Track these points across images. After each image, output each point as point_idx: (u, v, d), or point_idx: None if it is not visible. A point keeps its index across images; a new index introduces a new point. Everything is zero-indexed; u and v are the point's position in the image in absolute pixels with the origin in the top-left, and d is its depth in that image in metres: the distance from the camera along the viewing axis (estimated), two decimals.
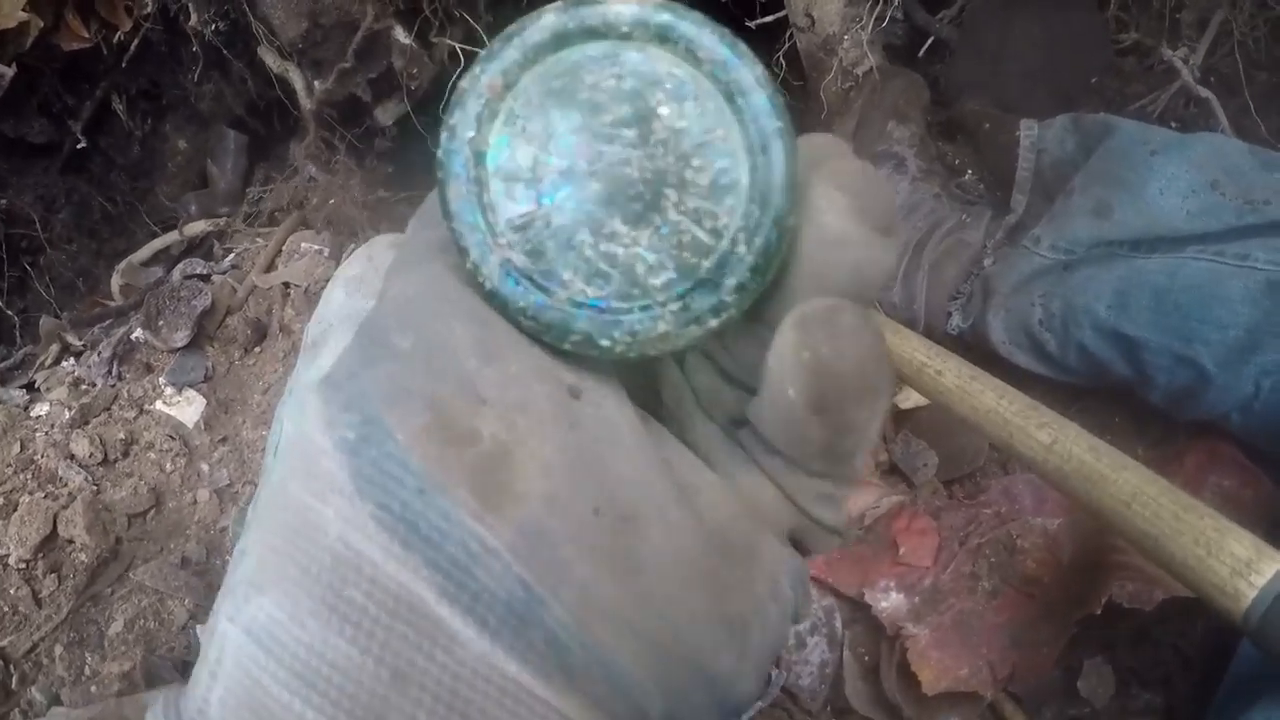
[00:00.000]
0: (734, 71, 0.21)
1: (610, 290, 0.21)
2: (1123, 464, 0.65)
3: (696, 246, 0.21)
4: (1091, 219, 0.86)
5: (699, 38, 0.21)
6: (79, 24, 1.14)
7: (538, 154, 0.21)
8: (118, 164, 1.26)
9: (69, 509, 0.83)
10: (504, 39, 0.21)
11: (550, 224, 0.21)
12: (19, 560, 0.83)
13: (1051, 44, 1.10)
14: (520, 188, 0.21)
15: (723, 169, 0.21)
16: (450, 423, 0.20)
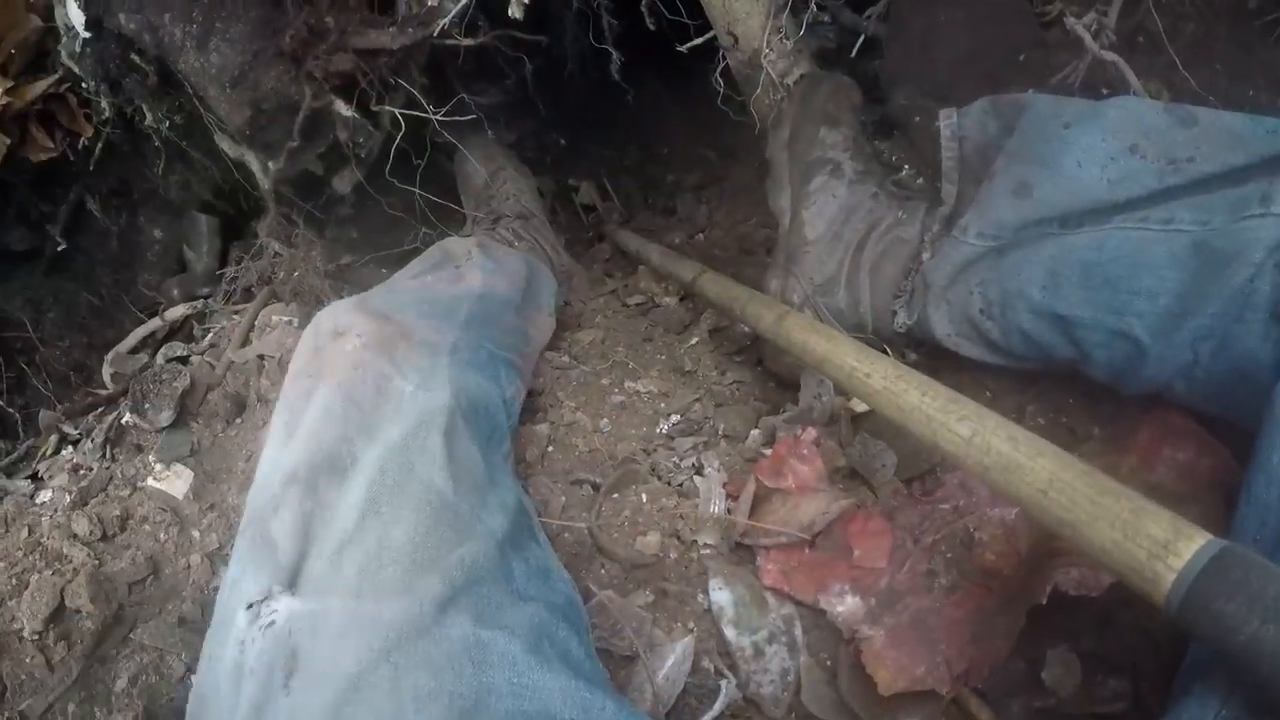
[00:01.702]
0: None
1: None
2: (1039, 451, 0.64)
3: None
4: (1013, 200, 0.85)
5: None
6: (44, 135, 1.20)
7: None
8: (99, 260, 1.32)
9: (74, 582, 0.88)
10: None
11: None
12: (32, 632, 0.88)
13: (977, 27, 1.09)
14: None
15: None
16: None
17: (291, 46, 1.01)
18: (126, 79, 1.12)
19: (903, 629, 0.78)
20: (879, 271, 0.95)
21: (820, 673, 0.80)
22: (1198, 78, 0.97)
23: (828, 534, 0.86)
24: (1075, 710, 0.73)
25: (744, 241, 1.27)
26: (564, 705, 0.53)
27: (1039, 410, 0.91)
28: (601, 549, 0.84)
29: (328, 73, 1.02)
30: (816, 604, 0.81)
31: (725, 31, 1.08)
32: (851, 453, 0.92)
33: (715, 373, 1.04)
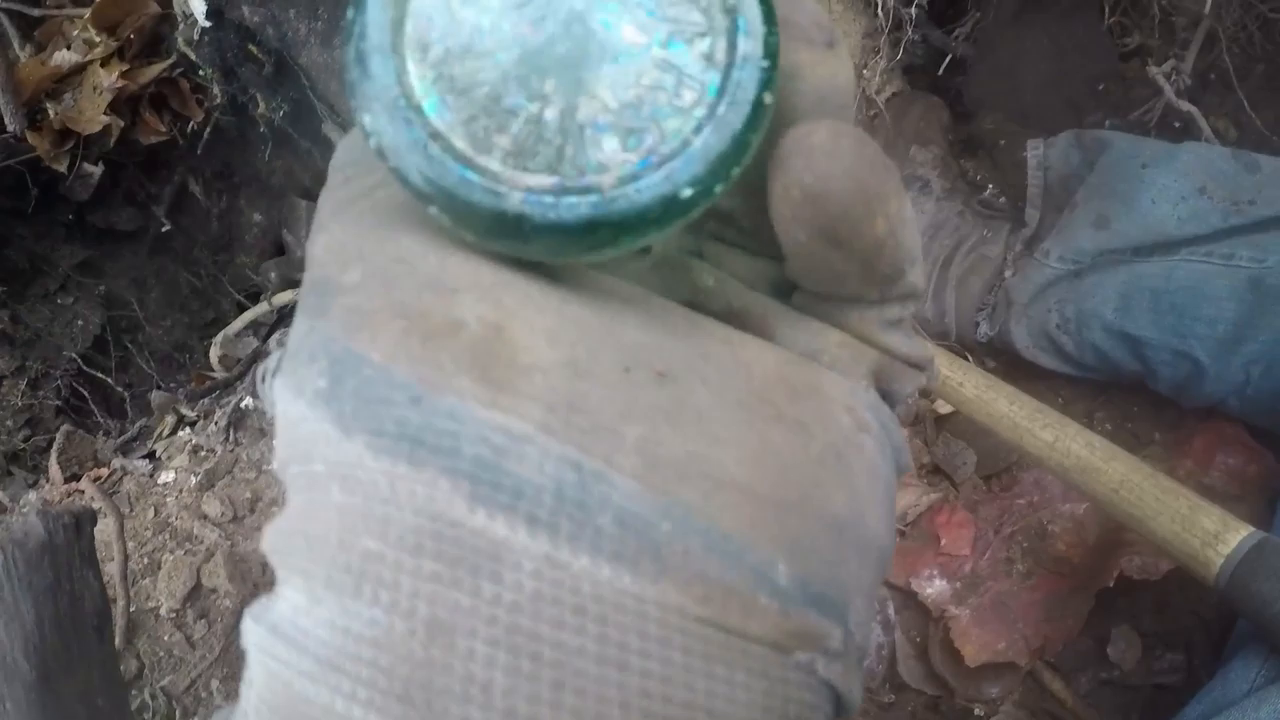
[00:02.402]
0: None
1: (558, 168, 0.20)
2: (1113, 455, 0.87)
3: (662, 103, 0.20)
4: (1093, 231, 1.07)
5: None
6: (155, 119, 1.40)
7: (466, 9, 0.20)
8: (199, 241, 1.53)
9: (210, 562, 1.07)
10: None
11: (479, 84, 0.20)
12: (169, 610, 1.07)
13: (1060, 55, 1.30)
14: (444, 49, 0.20)
15: (697, 28, 0.21)
16: (426, 318, 0.19)
17: None
18: (242, 67, 1.32)
19: (985, 609, 1.01)
20: (964, 285, 1.17)
21: (911, 648, 1.03)
22: (1264, 117, 1.19)
23: (917, 525, 1.08)
24: (1136, 681, 0.97)
25: None
26: None
27: (1107, 417, 1.14)
28: None
29: None
30: (908, 587, 1.03)
31: None
32: (936, 451, 1.14)
33: None
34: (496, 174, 0.20)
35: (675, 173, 0.20)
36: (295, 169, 1.47)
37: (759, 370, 0.21)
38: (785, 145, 0.20)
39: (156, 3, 1.36)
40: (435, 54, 0.20)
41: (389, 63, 0.20)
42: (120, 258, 1.47)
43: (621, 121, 0.20)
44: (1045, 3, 1.29)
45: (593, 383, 0.19)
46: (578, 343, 0.19)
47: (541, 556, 0.18)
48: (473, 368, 0.18)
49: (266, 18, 1.26)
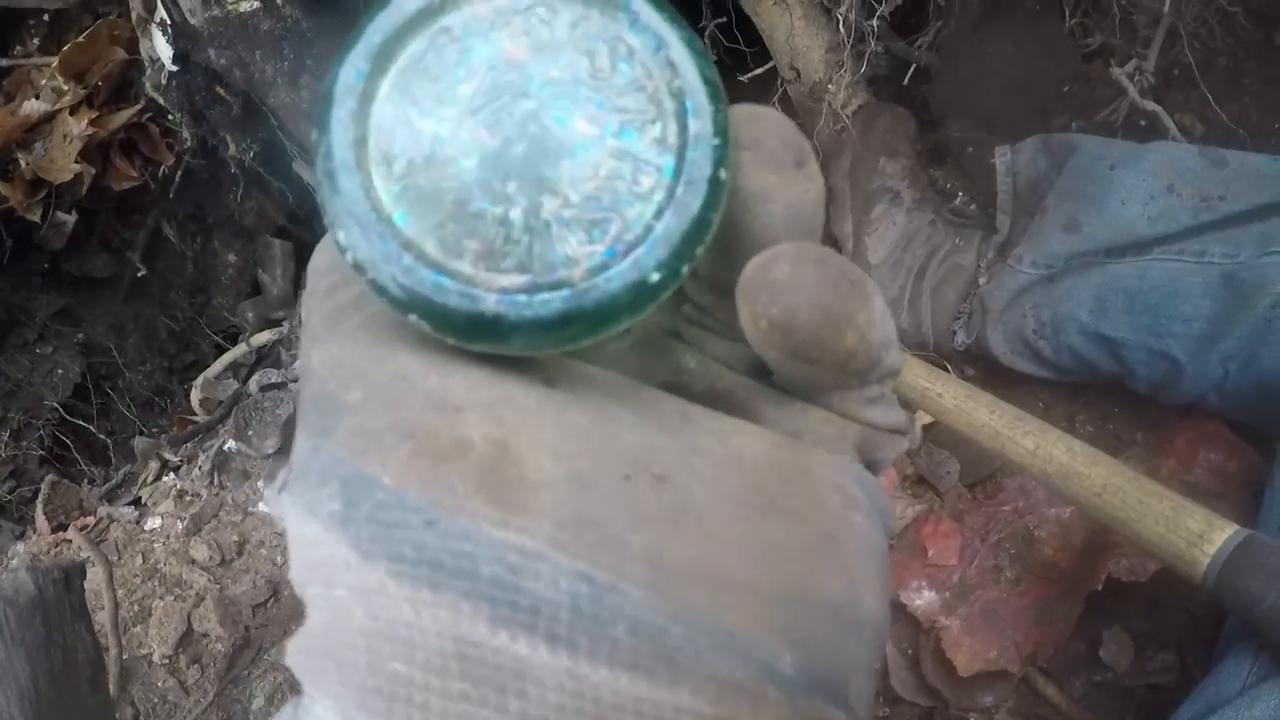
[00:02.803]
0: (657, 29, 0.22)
1: (529, 266, 0.21)
2: (1095, 460, 0.86)
3: (622, 191, 0.21)
4: (1064, 235, 1.06)
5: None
6: (126, 165, 1.39)
7: (424, 121, 0.21)
8: (175, 285, 1.52)
9: (200, 607, 1.06)
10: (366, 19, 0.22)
11: (445, 191, 0.21)
12: (162, 657, 1.06)
13: (1024, 59, 1.30)
14: (407, 161, 0.21)
15: (647, 115, 0.21)
16: (434, 440, 0.20)
17: None
18: (211, 110, 1.31)
19: (975, 618, 1.00)
20: (939, 295, 1.17)
21: (903, 660, 1.02)
22: (1228, 111, 1.20)
23: (904, 536, 1.07)
24: (1130, 683, 0.95)
25: None
26: None
27: (1088, 419, 1.13)
28: None
29: None
30: (897, 599, 1.02)
31: (788, 66, 1.29)
32: (919, 461, 1.13)
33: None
34: (470, 277, 0.20)
35: (641, 259, 0.21)
36: (268, 209, 1.46)
37: (749, 460, 0.22)
38: (749, 277, 0.21)
39: (123, 49, 1.35)
40: (399, 167, 0.21)
41: (356, 179, 0.21)
42: (97, 305, 1.46)
43: (584, 214, 0.21)
44: (1006, 8, 1.29)
45: (597, 494, 0.20)
46: (579, 454, 0.20)
47: (563, 671, 0.19)
48: (483, 488, 0.19)
49: (233, 60, 1.26)
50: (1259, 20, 1.20)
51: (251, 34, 1.24)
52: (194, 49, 1.28)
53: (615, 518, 0.20)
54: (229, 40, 1.25)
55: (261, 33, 1.24)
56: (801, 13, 1.27)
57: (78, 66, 1.39)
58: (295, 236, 1.52)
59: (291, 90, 1.24)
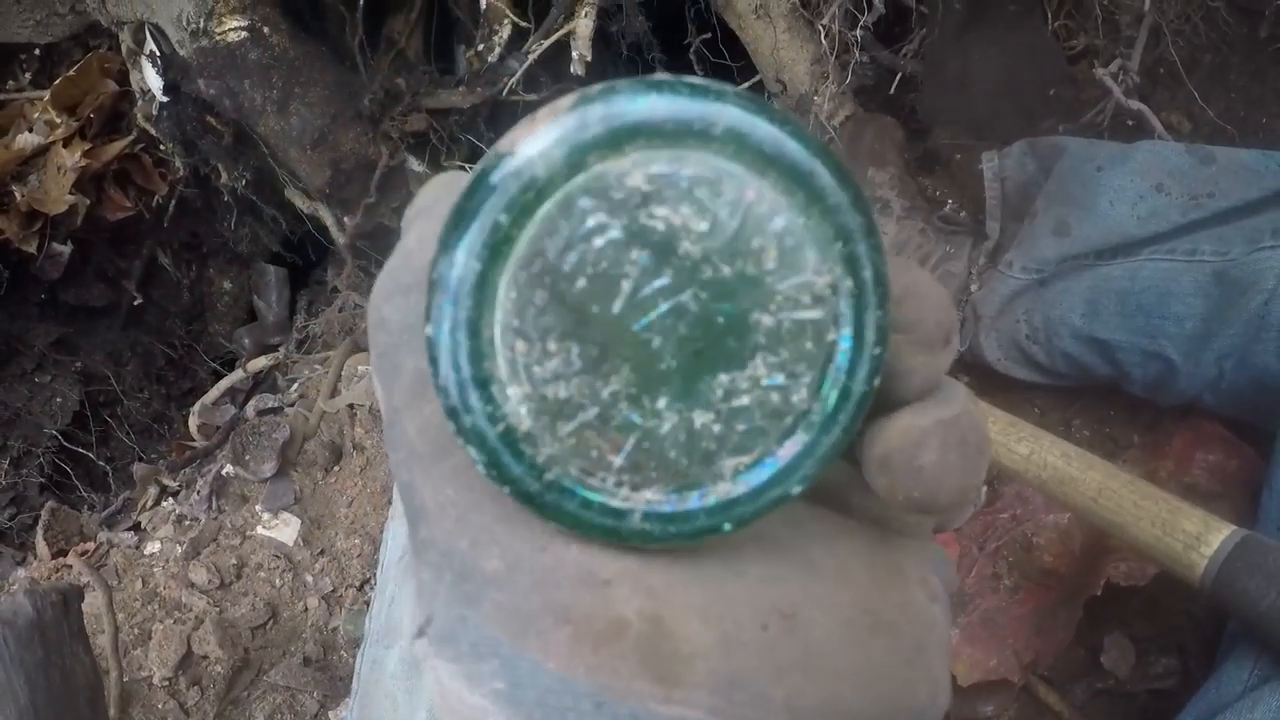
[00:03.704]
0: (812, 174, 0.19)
1: (676, 481, 0.20)
2: (1089, 464, 0.84)
3: (775, 403, 0.20)
4: (1054, 238, 1.05)
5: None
6: (120, 195, 1.39)
7: (557, 324, 0.19)
8: (171, 313, 1.52)
9: (200, 629, 1.06)
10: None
11: (587, 405, 0.19)
12: (162, 679, 1.06)
13: (1009, 63, 1.29)
14: (541, 372, 0.19)
15: (815, 321, 0.19)
16: (592, 622, 0.20)
17: (370, 109, 1.21)
18: (202, 139, 1.31)
19: (975, 627, 0.98)
20: None
21: None
22: (1215, 107, 1.18)
23: None
24: (1132, 689, 0.93)
25: None
26: None
27: (1084, 423, 1.11)
28: None
29: (403, 132, 1.22)
30: None
31: (774, 79, 1.29)
32: None
33: None
34: (613, 493, 0.20)
35: (788, 473, 0.20)
36: (261, 235, 1.46)
37: (856, 574, 0.23)
38: (895, 459, 0.21)
39: (114, 81, 1.36)
40: (534, 376, 0.19)
41: (480, 396, 0.19)
42: (95, 333, 1.46)
43: (736, 428, 0.20)
44: (990, 13, 1.28)
45: (743, 653, 0.21)
46: (725, 615, 0.21)
47: None
48: (644, 668, 0.20)
49: (222, 89, 1.26)
50: (1243, 15, 1.19)
51: (240, 63, 1.24)
52: (183, 79, 1.29)
53: (760, 675, 0.21)
54: (218, 70, 1.25)
55: (249, 62, 1.24)
56: (785, 26, 1.27)
57: (69, 99, 1.39)
58: (289, 262, 1.52)
59: (281, 118, 1.24)
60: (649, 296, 0.19)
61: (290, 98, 1.24)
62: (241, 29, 1.24)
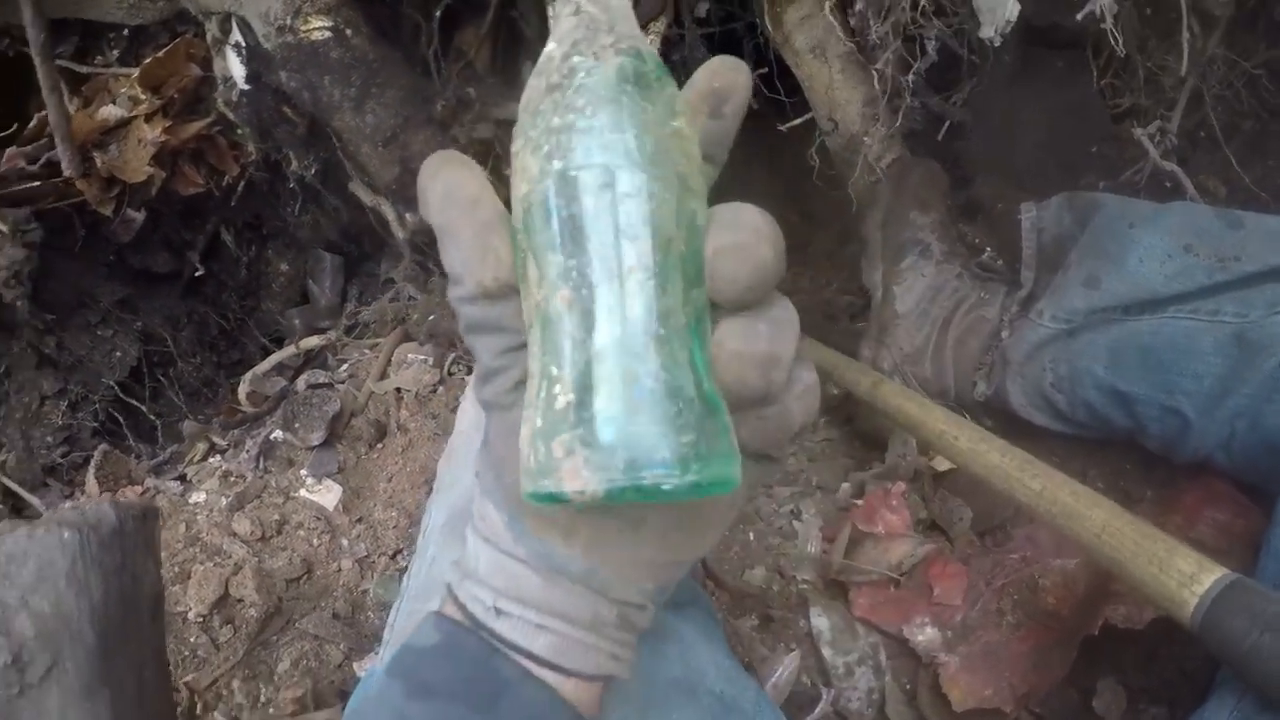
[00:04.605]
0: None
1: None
2: (1096, 503, 0.90)
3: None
4: (1084, 290, 1.11)
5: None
6: (193, 172, 1.49)
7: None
8: (228, 286, 1.62)
9: (239, 575, 1.14)
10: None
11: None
12: (197, 615, 1.14)
13: (1054, 118, 1.37)
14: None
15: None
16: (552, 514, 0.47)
17: (442, 114, 1.30)
18: (277, 128, 1.41)
19: (974, 657, 1.03)
20: (962, 346, 1.21)
21: (901, 694, 1.05)
22: (1251, 173, 1.24)
23: (912, 575, 1.11)
24: None
25: (827, 307, 1.54)
26: (717, 678, 0.77)
27: (1100, 475, 1.16)
28: (714, 579, 1.10)
29: (470, 139, 1.31)
30: (900, 634, 1.06)
31: (826, 117, 1.37)
32: (933, 507, 1.17)
33: (808, 431, 1.30)
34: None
35: None
36: (322, 223, 1.56)
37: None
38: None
39: (198, 66, 1.46)
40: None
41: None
42: (156, 297, 1.57)
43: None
44: (1039, 67, 1.35)
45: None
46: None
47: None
48: (562, 537, 0.47)
49: (303, 83, 1.35)
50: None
51: (321, 60, 1.33)
52: (265, 70, 1.38)
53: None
54: (300, 65, 1.34)
55: (331, 60, 1.33)
56: (840, 66, 1.34)
57: (156, 79, 1.49)
58: (345, 251, 1.62)
59: (357, 114, 1.33)
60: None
61: (367, 97, 1.33)
62: (326, 29, 1.34)
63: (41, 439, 1.44)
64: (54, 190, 1.44)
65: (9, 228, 1.38)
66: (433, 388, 1.28)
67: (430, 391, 1.28)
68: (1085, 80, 1.34)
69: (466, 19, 1.46)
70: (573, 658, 0.49)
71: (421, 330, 1.36)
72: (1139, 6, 1.22)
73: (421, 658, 0.51)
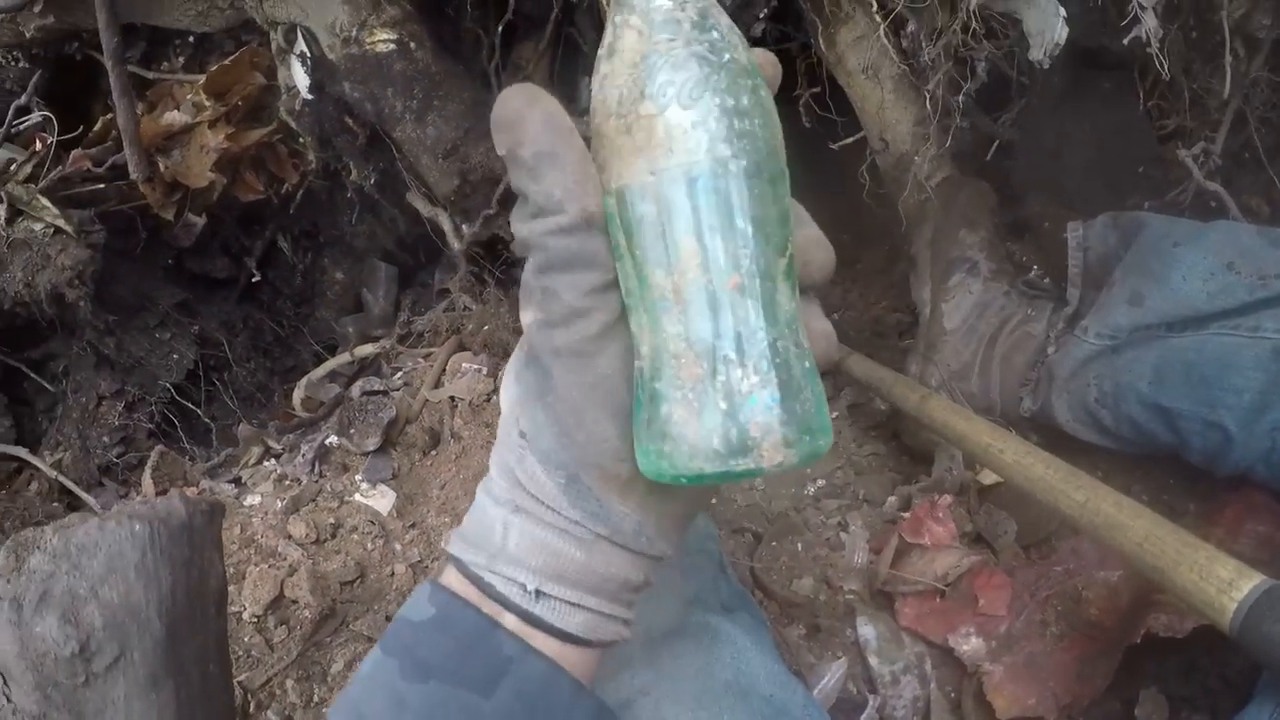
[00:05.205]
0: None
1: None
2: (1138, 513, 0.97)
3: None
4: (1128, 308, 1.18)
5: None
6: (254, 179, 1.59)
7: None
8: (284, 293, 1.72)
9: (294, 576, 1.20)
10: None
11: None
12: (251, 615, 1.20)
13: (1102, 139, 1.44)
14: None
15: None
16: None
17: None
18: (338, 137, 1.50)
19: (1018, 667, 1.10)
20: (1009, 362, 1.29)
21: (946, 702, 1.12)
22: None
23: (957, 586, 1.18)
24: None
25: (877, 324, 1.62)
26: (767, 682, 0.84)
27: (1144, 489, 1.23)
28: (763, 588, 1.17)
29: None
30: (945, 643, 1.12)
31: (877, 136, 1.45)
32: (978, 520, 1.24)
33: (854, 444, 1.37)
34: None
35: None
36: (378, 233, 1.65)
37: None
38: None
39: (262, 75, 1.56)
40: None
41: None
42: (213, 302, 1.67)
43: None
44: (1087, 89, 1.42)
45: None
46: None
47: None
48: (613, 491, 0.50)
49: (366, 94, 1.44)
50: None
51: (385, 72, 1.43)
52: (329, 81, 1.48)
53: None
54: (363, 76, 1.44)
55: (394, 72, 1.43)
56: (892, 87, 1.43)
57: (220, 86, 1.59)
58: (400, 261, 1.71)
59: (418, 126, 1.43)
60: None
61: (429, 109, 1.42)
62: (390, 41, 1.43)
63: (98, 438, 1.53)
64: (117, 193, 1.54)
65: (74, 228, 1.47)
66: (486, 397, 1.36)
67: (484, 400, 1.36)
68: (1131, 102, 1.41)
69: (525, 34, 1.55)
70: (600, 631, 0.52)
71: (476, 340, 1.45)
72: (1184, 30, 1.29)
73: (418, 632, 0.50)
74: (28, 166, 1.52)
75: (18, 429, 1.53)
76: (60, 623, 0.76)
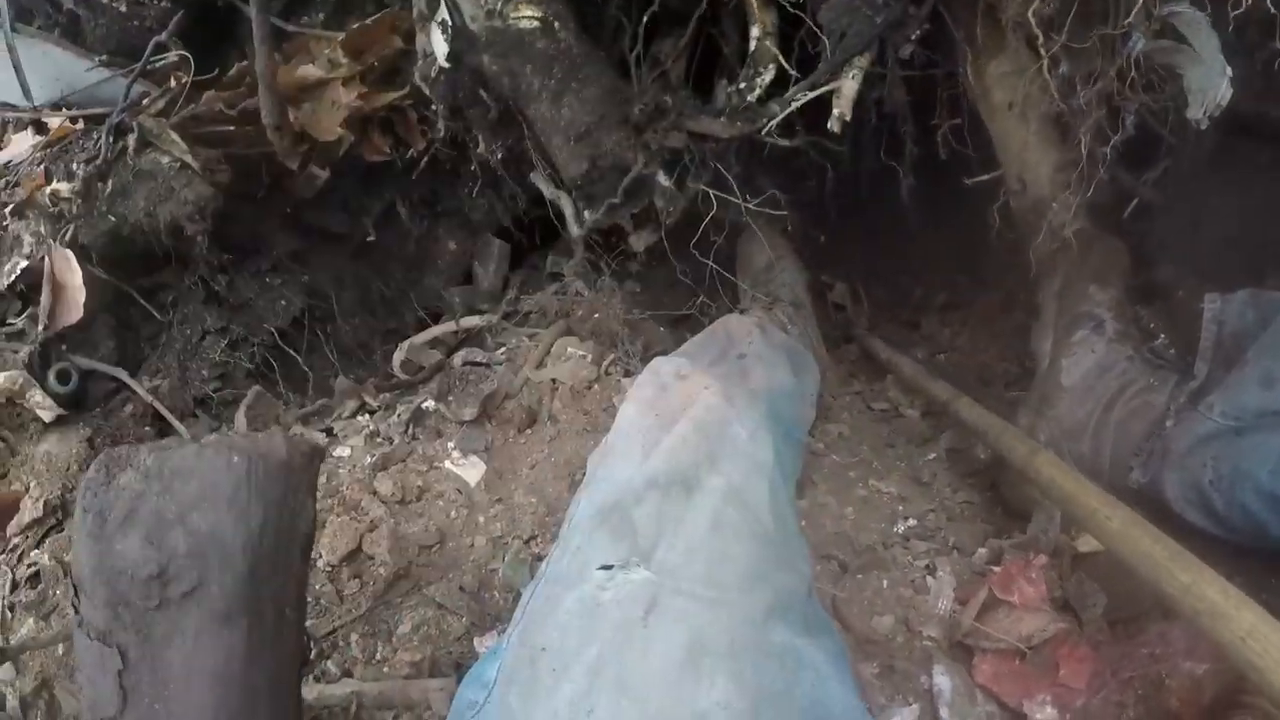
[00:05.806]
0: None
1: None
2: (1245, 605, 0.97)
3: None
4: (1259, 389, 1.17)
5: None
6: (381, 140, 1.65)
7: None
8: (396, 256, 1.79)
9: (374, 533, 1.25)
10: None
11: None
12: (326, 564, 1.25)
13: (1245, 214, 1.42)
14: None
15: None
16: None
17: (638, 118, 1.42)
18: (470, 109, 1.55)
19: None
20: (1124, 429, 1.29)
21: None
22: None
23: (1039, 651, 1.18)
24: None
25: (984, 371, 1.62)
26: (844, 712, 0.86)
27: (1244, 584, 1.21)
28: (841, 619, 1.19)
29: (661, 146, 1.43)
30: (1019, 708, 1.13)
31: (1015, 177, 1.45)
32: (1068, 587, 1.24)
33: (949, 489, 1.38)
34: None
35: None
36: (496, 209, 1.71)
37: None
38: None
39: (400, 38, 1.61)
40: None
41: None
42: (325, 255, 1.74)
43: None
44: (1238, 158, 1.41)
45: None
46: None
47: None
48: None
49: (504, 69, 1.48)
50: None
51: (526, 49, 1.47)
52: (468, 51, 1.52)
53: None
54: (504, 50, 1.48)
55: (536, 50, 1.47)
56: (1037, 127, 1.43)
57: (358, 45, 1.65)
58: (514, 240, 1.76)
59: (554, 106, 1.46)
60: None
61: (566, 90, 1.46)
62: (535, 19, 1.47)
63: (197, 370, 1.61)
64: (245, 138, 1.61)
65: (200, 164, 1.54)
66: (588, 384, 1.40)
67: (586, 387, 1.40)
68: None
69: (667, 29, 1.59)
70: None
71: (585, 327, 1.49)
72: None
73: None
74: (161, 101, 1.60)
75: (120, 351, 1.60)
76: (142, 543, 0.76)
